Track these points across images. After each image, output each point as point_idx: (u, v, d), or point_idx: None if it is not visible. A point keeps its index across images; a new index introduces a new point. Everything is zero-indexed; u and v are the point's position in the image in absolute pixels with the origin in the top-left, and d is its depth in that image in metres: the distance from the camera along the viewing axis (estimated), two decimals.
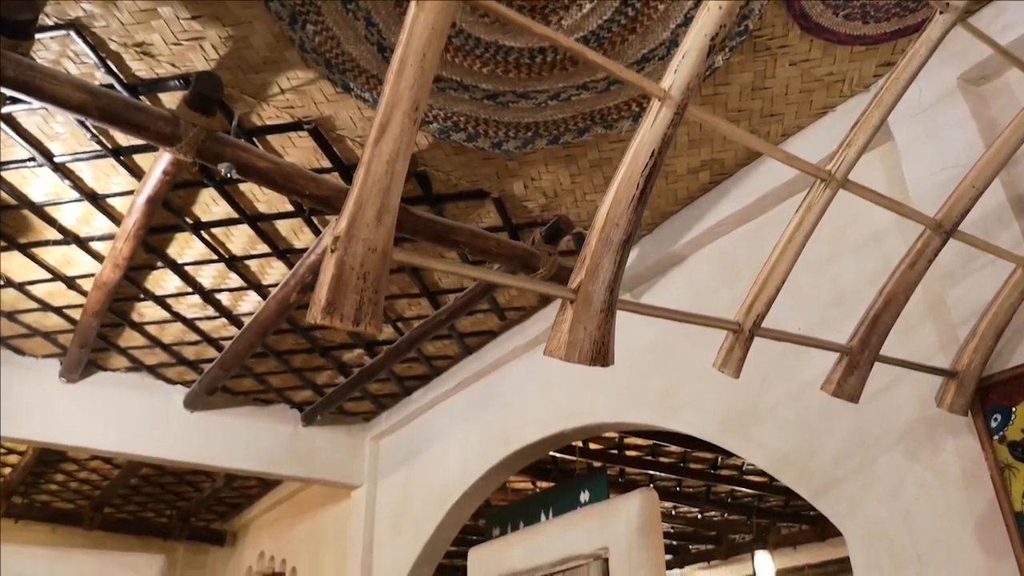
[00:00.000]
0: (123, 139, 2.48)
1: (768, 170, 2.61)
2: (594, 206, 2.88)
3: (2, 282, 3.20)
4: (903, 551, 1.90)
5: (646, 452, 5.59)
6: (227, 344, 3.71)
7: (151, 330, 3.69)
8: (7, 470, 5.37)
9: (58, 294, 3.33)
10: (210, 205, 2.83)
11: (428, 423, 4.41)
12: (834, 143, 1.32)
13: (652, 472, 5.70)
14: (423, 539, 4.09)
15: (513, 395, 3.74)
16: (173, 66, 2.20)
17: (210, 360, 3.95)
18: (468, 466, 3.91)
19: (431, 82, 0.84)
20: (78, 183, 2.66)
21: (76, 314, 3.46)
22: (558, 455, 5.37)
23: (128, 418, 4.01)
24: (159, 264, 3.15)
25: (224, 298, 3.44)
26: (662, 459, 5.72)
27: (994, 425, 1.73)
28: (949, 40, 1.36)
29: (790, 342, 1.45)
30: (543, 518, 3.72)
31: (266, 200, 2.81)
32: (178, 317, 3.57)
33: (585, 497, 3.59)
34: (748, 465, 5.92)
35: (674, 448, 5.51)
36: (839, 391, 1.53)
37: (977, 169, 1.48)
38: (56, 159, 2.53)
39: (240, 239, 3.03)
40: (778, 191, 2.59)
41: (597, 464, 5.34)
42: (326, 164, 2.61)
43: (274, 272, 3.25)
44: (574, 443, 5.28)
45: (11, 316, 3.49)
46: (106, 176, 2.65)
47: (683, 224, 2.93)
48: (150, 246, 3.01)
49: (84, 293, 3.28)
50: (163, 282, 3.29)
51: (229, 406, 4.41)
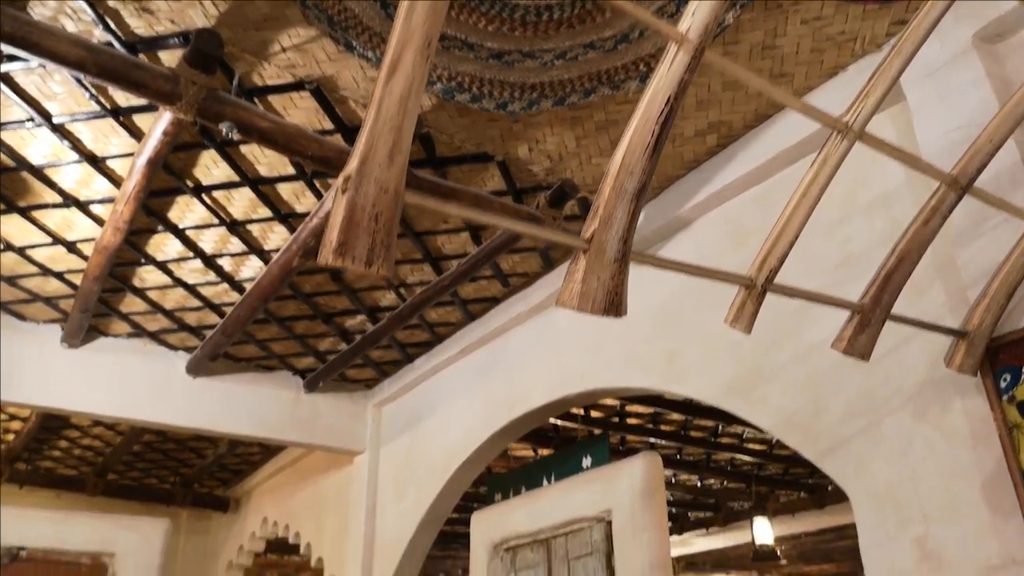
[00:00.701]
0: (122, 99, 2.44)
1: (776, 133, 2.58)
2: (600, 170, 2.85)
3: (2, 246, 3.17)
4: (909, 511, 1.90)
5: (647, 420, 5.61)
6: (229, 310, 3.69)
7: (152, 295, 3.67)
8: (10, 436, 5.39)
9: (58, 258, 3.31)
10: (211, 168, 2.79)
11: (430, 390, 4.42)
12: (844, 104, 1.28)
13: (653, 440, 5.72)
14: (426, 504, 4.12)
15: (516, 361, 3.74)
16: (172, 23, 2.16)
17: (212, 326, 3.95)
18: (471, 432, 3.92)
19: (443, 18, 0.81)
20: (77, 144, 2.63)
21: (77, 279, 3.44)
22: (559, 422, 5.39)
23: (130, 384, 4.01)
24: (160, 228, 3.13)
25: (226, 263, 3.42)
26: (663, 427, 5.74)
27: (1003, 385, 1.72)
28: None
29: (802, 298, 1.44)
30: (545, 483, 3.74)
31: (267, 163, 2.78)
32: (180, 282, 3.55)
33: (587, 462, 3.61)
34: (748, 433, 5.95)
35: (675, 416, 5.52)
36: (850, 349, 1.52)
37: (995, 124, 1.45)
38: (55, 120, 2.50)
39: (241, 203, 3.00)
40: (786, 154, 2.55)
41: (598, 432, 5.35)
42: (328, 126, 2.57)
43: (276, 237, 3.23)
44: (576, 411, 5.30)
45: (11, 281, 3.47)
46: (105, 137, 2.61)
47: (689, 188, 2.90)
48: (151, 209, 2.98)
49: (85, 257, 3.26)
50: (164, 247, 3.27)
51: (231, 372, 4.41)
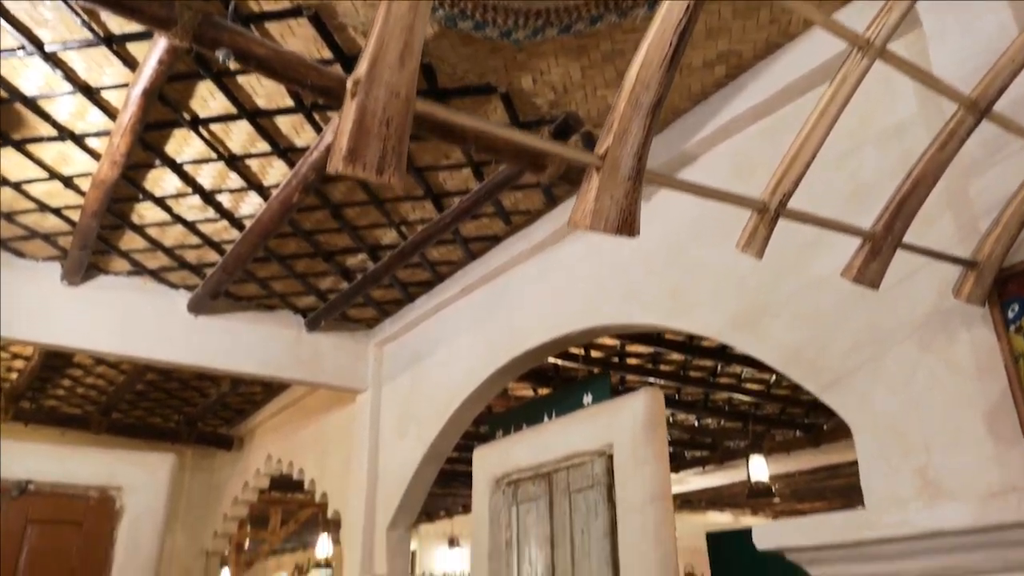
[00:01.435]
0: (116, 26, 2.37)
1: (786, 63, 2.52)
2: (605, 102, 2.79)
3: None
4: (911, 440, 1.92)
5: (647, 360, 5.65)
6: (229, 248, 3.67)
7: (152, 232, 3.64)
8: (14, 375, 5.43)
9: (55, 194, 3.27)
10: (207, 99, 2.73)
11: (432, 329, 4.43)
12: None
13: (652, 380, 5.77)
14: (427, 441, 4.16)
15: (518, 300, 3.74)
16: None
17: (212, 264, 3.93)
18: (472, 370, 3.94)
19: None
20: (70, 75, 2.56)
21: (75, 215, 3.40)
22: (559, 362, 5.43)
23: (132, 321, 4.01)
24: (157, 163, 3.08)
25: (225, 199, 3.38)
26: (662, 367, 5.79)
27: (1011, 315, 1.71)
28: None
29: (814, 224, 1.41)
30: (546, 420, 3.77)
31: (265, 94, 2.71)
32: (179, 219, 3.51)
33: (588, 400, 3.63)
34: (746, 373, 6.00)
35: (675, 356, 5.57)
36: (860, 277, 1.50)
37: (1016, 46, 1.41)
38: (46, 48, 2.42)
39: (239, 136, 2.94)
40: (795, 85, 2.50)
41: (598, 371, 5.39)
42: (327, 55, 2.50)
43: (275, 172, 3.18)
44: (576, 350, 5.33)
45: (9, 217, 3.44)
46: (99, 67, 2.54)
47: (696, 122, 2.84)
48: (147, 143, 2.93)
49: (82, 193, 3.22)
50: (162, 182, 3.22)
51: (233, 311, 4.41)
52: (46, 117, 2.77)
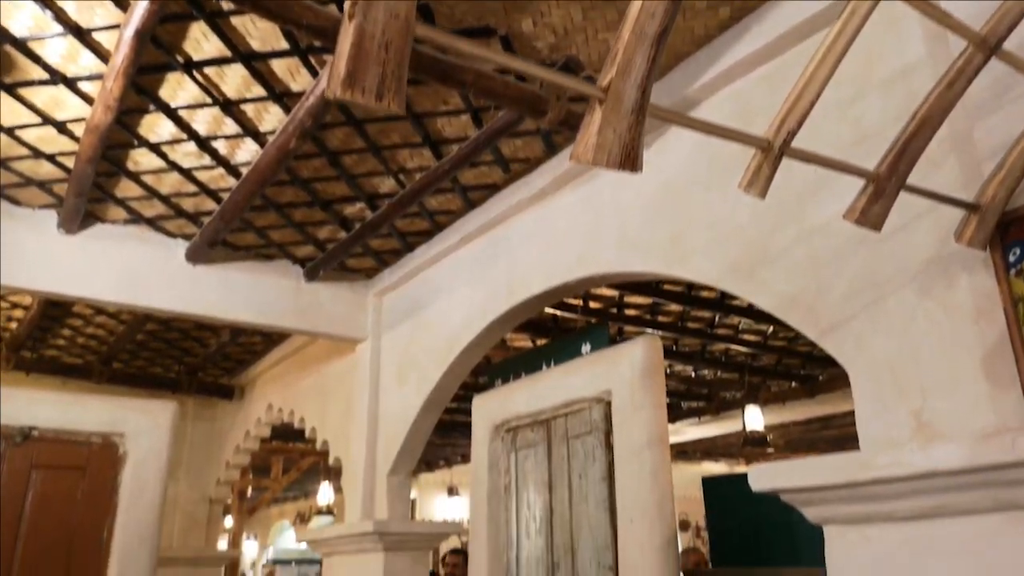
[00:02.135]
0: None
1: (790, 5, 2.46)
2: (606, 46, 2.74)
3: None
4: (908, 384, 1.93)
5: (645, 311, 5.67)
6: (226, 196, 3.65)
7: (148, 180, 3.61)
8: (13, 324, 5.44)
9: (49, 140, 3.23)
10: (201, 42, 2.68)
11: (431, 279, 4.43)
12: None
13: (650, 330, 5.80)
14: (427, 389, 4.20)
15: (517, 249, 3.73)
16: None
17: (209, 213, 3.90)
18: (471, 319, 3.96)
19: None
20: (60, 15, 2.50)
21: (70, 162, 3.37)
22: (558, 312, 5.45)
23: (130, 270, 4.01)
24: (151, 108, 3.03)
25: (220, 146, 3.34)
26: (661, 318, 5.81)
27: (1012, 259, 1.71)
28: None
29: (818, 164, 1.40)
30: (544, 369, 3.80)
31: (259, 36, 2.66)
32: (174, 166, 3.48)
33: (586, 349, 3.65)
34: (744, 324, 6.03)
35: (673, 307, 5.59)
36: (863, 220, 1.49)
37: None
38: None
39: (234, 80, 2.90)
40: (798, 29, 2.45)
41: (596, 322, 5.41)
42: None
43: (271, 118, 3.14)
44: (574, 301, 5.35)
45: (3, 164, 3.40)
46: (90, 7, 2.48)
47: (698, 67, 2.80)
48: (140, 87, 2.88)
49: (76, 139, 3.18)
50: (157, 128, 3.18)
51: (232, 261, 4.40)
52: (37, 60, 2.72)
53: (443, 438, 10.00)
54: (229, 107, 3.05)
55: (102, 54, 2.69)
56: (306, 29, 2.22)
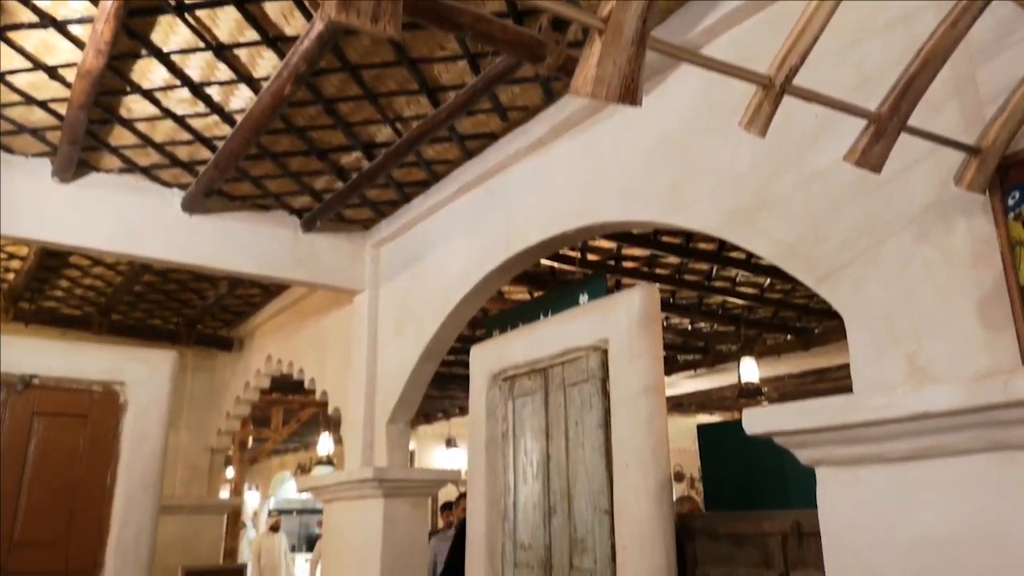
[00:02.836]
0: None
1: None
2: None
3: None
4: (902, 328, 1.95)
5: (643, 263, 5.67)
6: (221, 144, 3.61)
7: (141, 128, 3.57)
8: (11, 275, 5.44)
9: (41, 85, 3.18)
10: None
11: (428, 229, 4.42)
12: None
13: (648, 283, 5.80)
14: (425, 339, 4.22)
15: (515, 198, 3.71)
16: None
17: (204, 162, 3.87)
18: (469, 269, 3.96)
19: None
20: None
21: (62, 108, 3.32)
22: (555, 265, 5.45)
23: (126, 220, 3.99)
24: (143, 52, 2.98)
25: (214, 92, 3.29)
26: (658, 270, 5.81)
27: (1011, 203, 1.71)
28: None
29: (819, 103, 1.39)
30: (542, 319, 3.81)
31: None
32: (168, 113, 3.44)
33: (584, 299, 3.66)
34: (741, 277, 6.04)
35: (671, 259, 5.58)
36: (863, 161, 1.49)
37: None
38: None
39: (227, 24, 2.84)
40: None
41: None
42: None
43: (265, 63, 3.09)
44: (572, 253, 5.34)
45: None
46: None
47: (699, 12, 2.75)
48: (132, 31, 2.83)
49: (68, 84, 3.13)
50: (149, 73, 3.13)
51: (228, 211, 4.37)
52: (26, 2, 2.66)
53: (441, 390, 10.08)
54: (222, 52, 3.00)
55: None
56: None
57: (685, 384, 9.96)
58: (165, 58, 3.02)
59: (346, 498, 4.53)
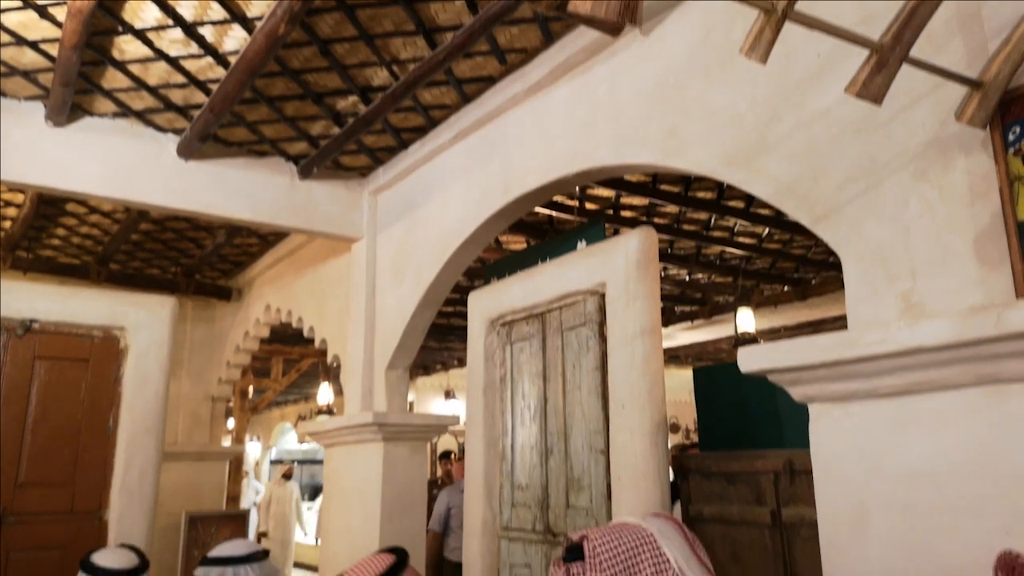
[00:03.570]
0: None
1: None
2: None
3: None
4: (898, 266, 1.96)
5: (641, 212, 5.66)
6: (215, 87, 3.57)
7: (134, 70, 3.52)
8: (7, 223, 5.42)
9: (31, 25, 3.13)
10: None
11: (426, 176, 4.39)
12: None
13: (646, 226, 5.78)
14: (424, 286, 4.23)
15: (513, 144, 3.68)
16: None
17: (199, 106, 3.83)
18: (467, 216, 3.95)
19: None
20: None
21: (54, 49, 3.28)
22: (554, 214, 5.44)
23: (121, 164, 3.96)
24: None
25: (207, 33, 3.24)
26: (657, 220, 5.80)
27: (1011, 138, 1.70)
28: None
29: (821, 30, 1.37)
30: (540, 265, 3.81)
31: None
32: (161, 55, 3.38)
33: (582, 245, 3.66)
34: (739, 227, 6.03)
35: (669, 208, 5.57)
36: (864, 92, 1.48)
37: None
38: None
39: None
40: None
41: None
42: None
43: (259, 2, 3.03)
44: (570, 202, 5.32)
45: None
46: None
47: None
48: None
49: (59, 24, 3.08)
50: (141, 13, 3.08)
51: (224, 156, 4.34)
52: None
53: (440, 342, 10.15)
54: None
55: None
56: None
57: (682, 336, 10.02)
58: None
59: (346, 443, 4.60)
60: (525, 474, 3.33)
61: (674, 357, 11.69)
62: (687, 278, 7.66)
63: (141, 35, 3.23)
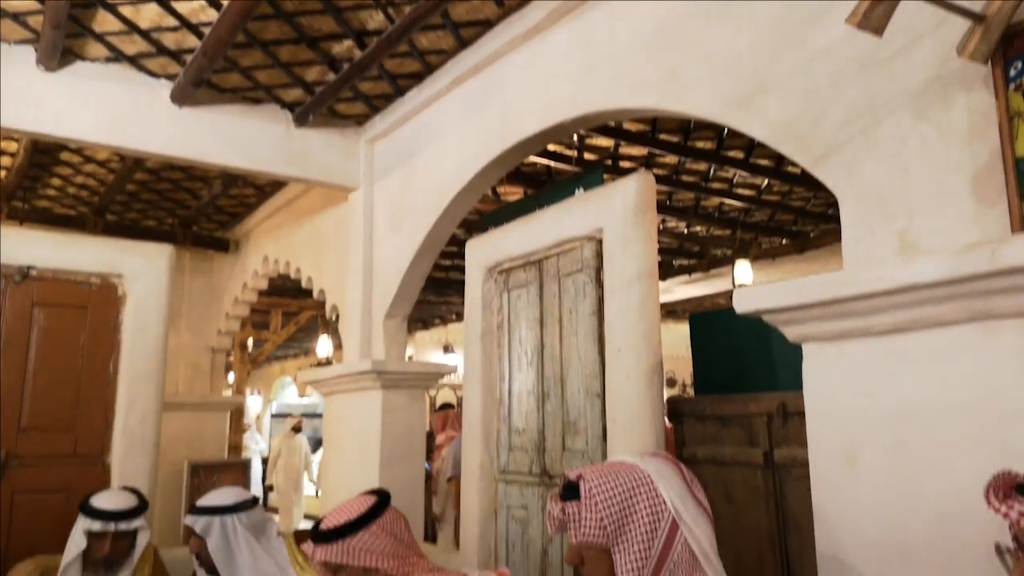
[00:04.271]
0: None
1: None
2: None
3: None
4: (895, 206, 1.95)
5: (640, 163, 5.62)
6: (208, 30, 3.50)
7: (126, 12, 3.46)
8: (2, 172, 5.38)
9: None
10: None
11: (423, 124, 4.35)
12: None
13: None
14: (421, 235, 4.22)
15: (511, 89, 3.64)
16: None
17: (192, 50, 3.77)
18: (464, 163, 3.92)
19: None
20: None
21: None
22: (552, 164, 5.40)
23: (115, 111, 3.91)
24: None
25: None
26: (656, 171, 5.77)
27: (1012, 74, 1.69)
28: None
29: None
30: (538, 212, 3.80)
31: None
32: None
33: (580, 193, 3.64)
34: (738, 178, 6.00)
35: (669, 158, 5.54)
36: (864, 23, 1.46)
37: None
38: None
39: None
40: None
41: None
42: None
43: None
44: (569, 152, 5.29)
45: None
46: None
47: None
48: None
49: None
50: None
51: (218, 103, 4.29)
52: None
53: (438, 295, 10.17)
54: None
55: None
56: None
57: (679, 290, 10.04)
58: None
59: (346, 391, 4.64)
60: (522, 419, 3.37)
61: (671, 312, 11.71)
62: (685, 231, 7.65)
63: None
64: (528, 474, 3.28)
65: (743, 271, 6.94)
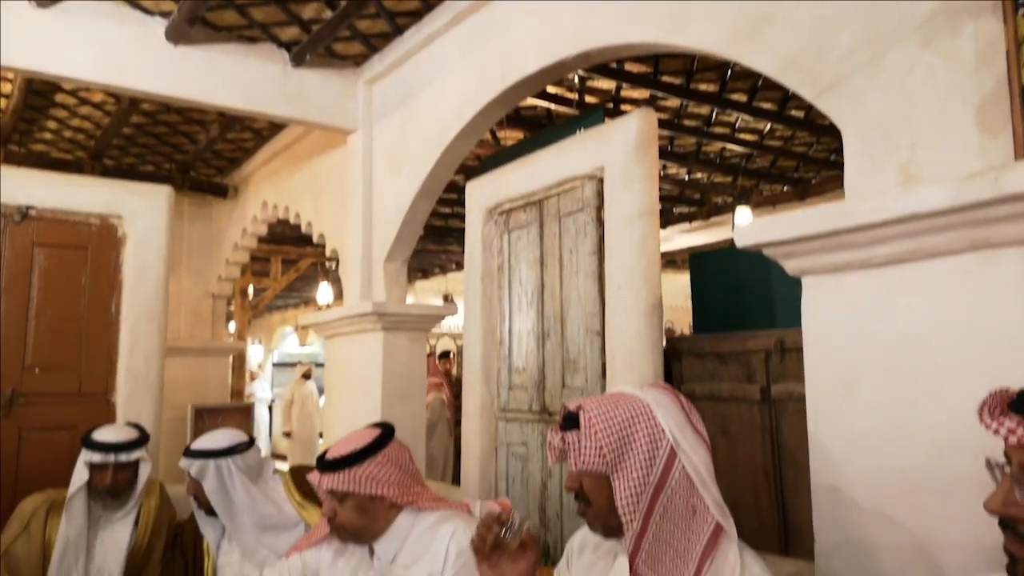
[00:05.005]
0: None
1: None
2: None
3: None
4: (898, 138, 1.94)
5: (642, 105, 5.55)
6: None
7: None
8: None
9: None
10: None
11: (422, 64, 4.28)
12: None
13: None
14: (421, 177, 4.20)
15: (511, 26, 3.57)
16: None
17: None
18: (464, 103, 3.88)
19: None
20: None
21: None
22: (552, 107, 5.34)
23: (109, 48, 3.85)
24: None
25: None
26: (658, 115, 5.68)
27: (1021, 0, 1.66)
28: None
29: None
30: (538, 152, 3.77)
31: None
32: None
33: (582, 133, 3.61)
34: (741, 123, 5.94)
35: (671, 102, 5.48)
36: None
37: None
38: None
39: None
40: None
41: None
42: None
43: None
44: (570, 95, 5.22)
45: None
46: None
47: None
48: None
49: None
50: None
51: (214, 42, 4.22)
52: None
53: (438, 244, 10.15)
54: None
55: None
56: None
57: (679, 239, 10.02)
58: None
59: (347, 333, 4.67)
60: (522, 358, 3.40)
61: (671, 262, 11.72)
62: (686, 177, 7.60)
63: None
64: (528, 412, 3.33)
65: (743, 217, 6.92)
